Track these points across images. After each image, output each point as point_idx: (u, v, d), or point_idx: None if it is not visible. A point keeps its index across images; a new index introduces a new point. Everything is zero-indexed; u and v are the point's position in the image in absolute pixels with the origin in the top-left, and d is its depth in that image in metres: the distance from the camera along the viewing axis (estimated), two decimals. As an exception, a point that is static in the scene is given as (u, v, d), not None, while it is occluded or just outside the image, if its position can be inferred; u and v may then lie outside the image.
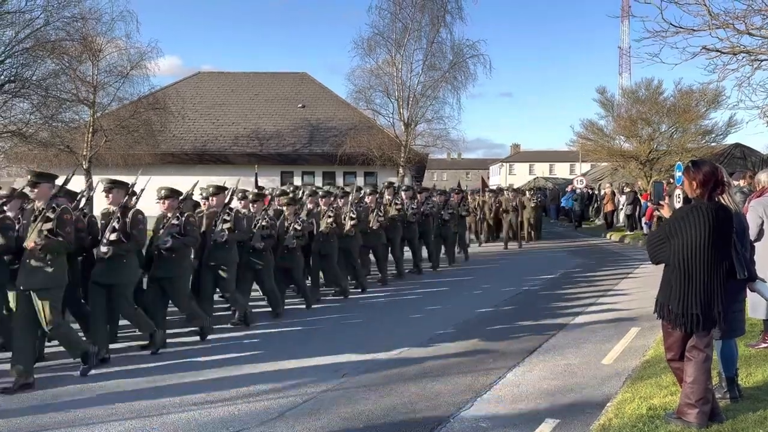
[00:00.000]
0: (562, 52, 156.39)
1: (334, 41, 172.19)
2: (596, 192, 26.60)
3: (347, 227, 9.38)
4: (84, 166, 17.84)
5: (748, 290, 4.33)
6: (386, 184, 11.73)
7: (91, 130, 17.91)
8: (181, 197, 6.97)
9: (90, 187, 7.83)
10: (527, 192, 19.78)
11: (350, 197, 9.97)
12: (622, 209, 21.09)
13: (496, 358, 6.12)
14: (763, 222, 5.53)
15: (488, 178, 75.37)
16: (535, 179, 42.08)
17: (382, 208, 10.41)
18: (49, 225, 5.22)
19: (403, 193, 11.85)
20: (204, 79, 27.41)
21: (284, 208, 8.52)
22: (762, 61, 9.29)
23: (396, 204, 11.00)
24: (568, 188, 27.90)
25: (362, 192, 10.88)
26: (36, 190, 5.43)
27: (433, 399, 4.93)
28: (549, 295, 9.64)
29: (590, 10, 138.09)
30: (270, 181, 15.34)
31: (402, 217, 11.09)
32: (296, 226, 8.27)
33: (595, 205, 25.83)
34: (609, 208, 21.79)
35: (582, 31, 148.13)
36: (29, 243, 5.15)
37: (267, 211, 8.01)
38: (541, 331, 7.26)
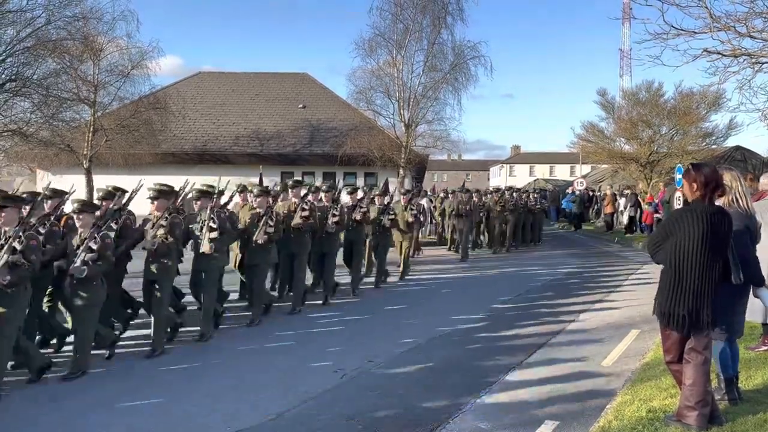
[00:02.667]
0: (563, 54, 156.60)
1: (335, 42, 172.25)
2: (596, 194, 26.61)
3: (204, 244, 6.82)
4: (84, 166, 17.83)
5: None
6: (290, 182, 9.12)
7: (91, 129, 17.88)
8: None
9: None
10: (492, 192, 17.17)
11: (217, 199, 7.52)
12: (622, 211, 21.09)
13: (495, 359, 6.12)
14: (760, 225, 5.53)
15: (488, 179, 75.49)
16: (535, 181, 42.04)
17: (274, 215, 7.82)
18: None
19: (347, 196, 9.92)
20: (205, 79, 27.39)
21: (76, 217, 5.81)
22: (763, 63, 9.28)
23: (303, 210, 8.39)
24: (569, 190, 27.91)
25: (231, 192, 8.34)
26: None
27: (432, 400, 4.93)
28: (549, 298, 9.64)
29: (591, 12, 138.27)
30: (271, 182, 15.33)
31: (312, 228, 8.57)
32: (92, 244, 5.52)
33: (595, 207, 25.83)
34: (609, 210, 21.79)
35: (583, 33, 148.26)
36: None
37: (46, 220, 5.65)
38: (541, 333, 7.26)
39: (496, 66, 79.27)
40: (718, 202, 3.97)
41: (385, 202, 10.62)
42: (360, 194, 10.24)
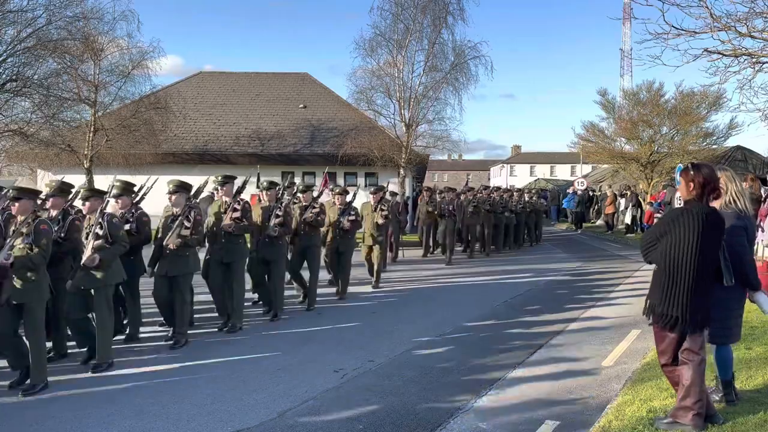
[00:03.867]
0: (564, 54, 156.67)
1: (335, 42, 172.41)
2: (596, 194, 26.63)
3: (86, 254, 5.62)
4: (85, 165, 17.85)
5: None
6: (220, 178, 7.69)
7: (92, 129, 17.91)
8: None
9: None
10: (466, 193, 15.00)
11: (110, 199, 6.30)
12: (623, 211, 21.10)
13: (496, 359, 6.12)
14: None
15: (489, 179, 75.49)
16: (536, 180, 42.08)
17: (191, 216, 6.62)
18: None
19: (301, 195, 8.94)
20: (205, 79, 27.41)
21: None
22: (764, 63, 9.28)
23: (234, 210, 7.31)
24: (569, 190, 27.92)
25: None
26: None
27: (433, 400, 4.93)
28: (549, 297, 9.64)
29: (592, 12, 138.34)
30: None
31: (245, 231, 7.46)
32: None
33: (596, 207, 25.85)
34: (610, 210, 21.79)
35: (584, 33, 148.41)
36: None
37: None
38: (542, 333, 7.26)
39: (496, 66, 79.34)
40: (714, 203, 3.96)
41: (347, 201, 9.50)
42: (315, 194, 9.27)
